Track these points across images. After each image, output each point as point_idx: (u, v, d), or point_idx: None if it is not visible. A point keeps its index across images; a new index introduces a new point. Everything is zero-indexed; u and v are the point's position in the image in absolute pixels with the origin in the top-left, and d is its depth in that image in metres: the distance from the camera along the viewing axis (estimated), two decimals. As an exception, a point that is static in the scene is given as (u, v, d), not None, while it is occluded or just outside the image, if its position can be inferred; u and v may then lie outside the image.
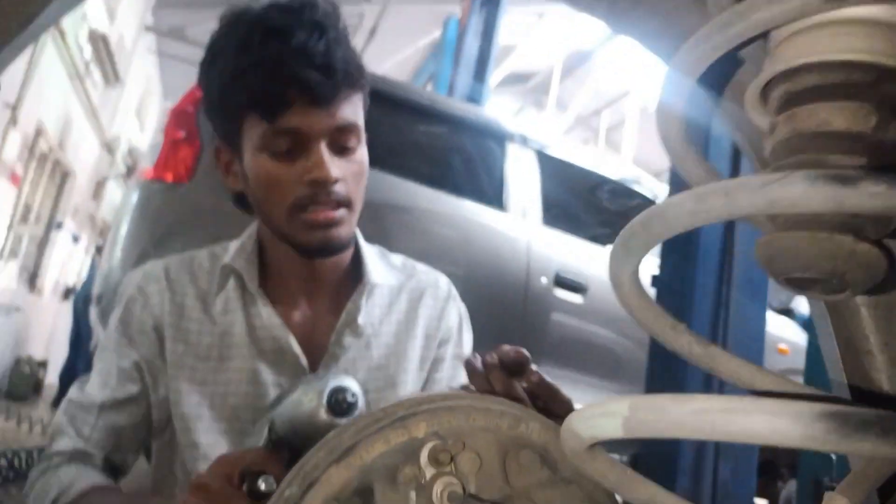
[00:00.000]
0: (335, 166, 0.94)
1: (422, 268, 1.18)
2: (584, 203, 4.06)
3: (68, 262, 10.54)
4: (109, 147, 10.95)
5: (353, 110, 0.96)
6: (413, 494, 0.46)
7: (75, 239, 10.45)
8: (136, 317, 1.01)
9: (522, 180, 3.38)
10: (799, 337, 3.89)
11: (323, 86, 0.91)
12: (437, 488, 0.45)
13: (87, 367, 1.09)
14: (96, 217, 11.53)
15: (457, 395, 0.49)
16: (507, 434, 0.49)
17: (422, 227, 3.08)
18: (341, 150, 0.96)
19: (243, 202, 1.04)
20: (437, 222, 3.06)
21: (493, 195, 3.32)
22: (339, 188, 0.95)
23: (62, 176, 9.21)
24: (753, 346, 2.72)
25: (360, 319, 1.04)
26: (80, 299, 7.36)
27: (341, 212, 0.97)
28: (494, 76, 8.56)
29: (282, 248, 1.01)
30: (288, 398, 0.74)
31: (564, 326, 3.23)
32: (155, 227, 2.81)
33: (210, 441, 0.96)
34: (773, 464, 3.74)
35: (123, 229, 2.87)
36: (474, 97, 5.52)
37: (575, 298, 3.28)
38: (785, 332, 3.79)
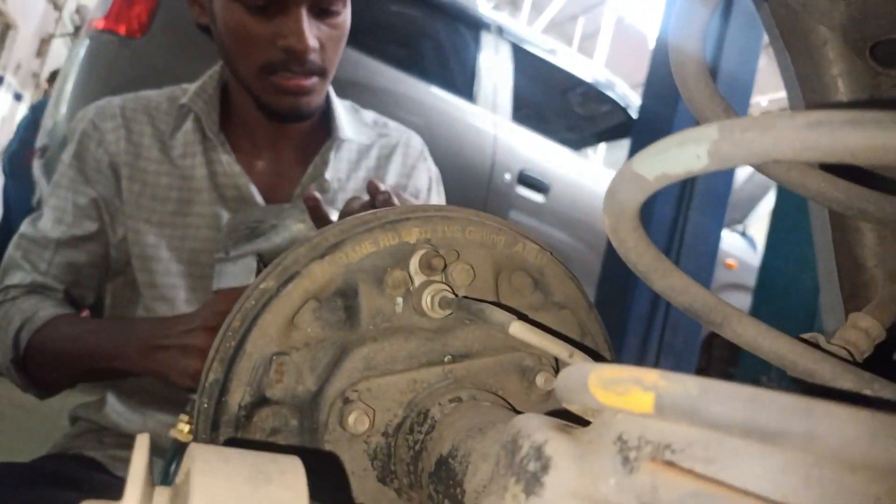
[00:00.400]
0: (314, 32, 0.87)
1: (394, 125, 1.12)
2: (555, 104, 3.98)
3: (9, 119, 10.04)
4: (56, 3, 10.24)
5: None
6: (400, 300, 0.42)
7: (17, 97, 9.92)
8: (91, 153, 0.96)
9: (495, 73, 3.28)
10: (745, 253, 3.99)
11: None
12: (427, 295, 0.42)
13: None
14: (40, 76, 10.91)
15: (453, 208, 0.46)
16: (503, 252, 0.45)
17: (385, 110, 2.95)
18: (324, 12, 0.88)
19: (210, 32, 0.96)
20: (402, 106, 2.96)
21: (462, 85, 3.21)
22: (314, 57, 0.88)
23: (3, 27, 8.63)
24: (706, 260, 2.78)
25: (328, 175, 0.99)
26: (8, 155, 6.91)
27: (313, 80, 0.91)
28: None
29: (247, 97, 0.95)
30: (273, 231, 0.69)
31: (521, 225, 3.21)
32: (104, 82, 2.64)
33: (169, 283, 0.93)
34: (705, 370, 3.91)
35: (70, 82, 2.70)
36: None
37: (536, 198, 3.26)
38: (733, 248, 3.87)
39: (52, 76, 7.70)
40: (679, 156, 0.21)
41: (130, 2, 2.68)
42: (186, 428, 0.67)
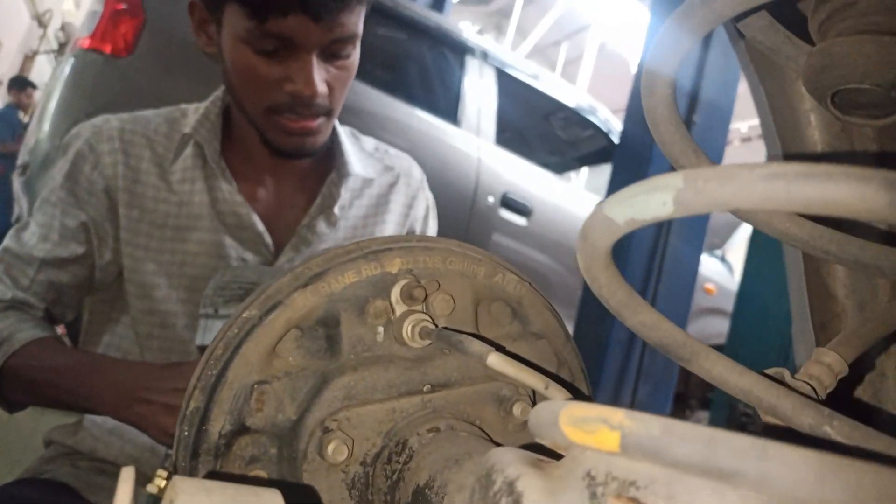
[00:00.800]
0: (322, 76, 0.87)
1: (394, 153, 1.14)
2: (537, 128, 4.03)
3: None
4: (40, 20, 10.22)
5: (355, 21, 0.87)
6: (381, 329, 0.43)
7: (-3, 112, 9.83)
8: (85, 175, 0.94)
9: (479, 97, 3.32)
10: (724, 278, 4.03)
11: (325, 4, 0.82)
12: (408, 324, 0.43)
13: None
14: (22, 92, 10.83)
15: (435, 238, 0.47)
16: (483, 282, 0.47)
17: (370, 132, 2.97)
18: (333, 56, 0.89)
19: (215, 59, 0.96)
20: (387, 129, 2.98)
21: (447, 108, 3.25)
22: (321, 100, 0.88)
23: (-14, 44, 8.58)
24: (685, 284, 2.81)
25: (336, 209, 1.00)
26: None
27: (320, 121, 0.91)
28: (457, -7, 8.29)
29: (251, 130, 0.95)
30: None
31: (503, 247, 3.24)
32: (89, 100, 2.65)
33: (169, 310, 0.92)
34: (683, 395, 3.93)
35: (54, 100, 2.70)
36: (436, 6, 5.33)
37: (519, 221, 3.28)
38: (712, 273, 3.91)
39: (13, 82, 7.68)
40: (647, 202, 0.23)
41: (116, 22, 2.69)
42: (163, 483, 0.67)
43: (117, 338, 0.97)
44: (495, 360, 0.38)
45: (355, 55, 0.91)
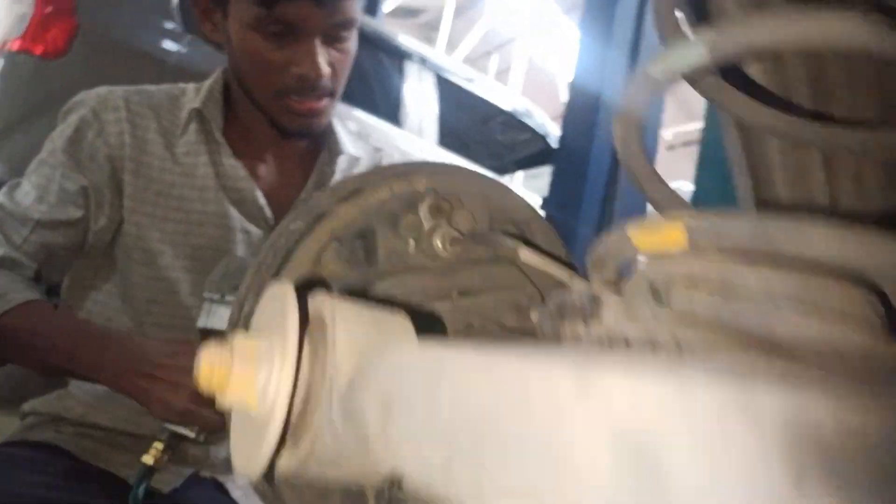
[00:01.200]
0: (325, 59, 0.92)
1: (375, 136, 1.19)
2: (477, 132, 4.12)
3: None
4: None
5: (353, 6, 0.93)
6: (412, 241, 0.48)
7: None
8: (88, 142, 0.96)
9: (420, 100, 3.37)
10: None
11: None
12: (437, 239, 0.47)
13: None
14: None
15: (452, 164, 0.52)
16: (497, 203, 0.52)
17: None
18: (334, 40, 0.94)
19: (221, 47, 0.99)
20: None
21: (388, 112, 3.29)
22: (325, 81, 0.93)
23: None
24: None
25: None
26: None
27: (325, 102, 0.96)
28: (385, 4, 8.36)
29: (256, 112, 0.99)
30: None
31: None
32: (23, 101, 2.58)
33: (173, 277, 0.95)
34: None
35: (-16, 101, 2.62)
36: (370, 12, 5.37)
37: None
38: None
39: None
40: (683, 55, 0.29)
41: (46, 25, 2.63)
42: (159, 455, 0.69)
43: (99, 305, 0.98)
44: (526, 254, 0.43)
45: (353, 40, 0.97)
